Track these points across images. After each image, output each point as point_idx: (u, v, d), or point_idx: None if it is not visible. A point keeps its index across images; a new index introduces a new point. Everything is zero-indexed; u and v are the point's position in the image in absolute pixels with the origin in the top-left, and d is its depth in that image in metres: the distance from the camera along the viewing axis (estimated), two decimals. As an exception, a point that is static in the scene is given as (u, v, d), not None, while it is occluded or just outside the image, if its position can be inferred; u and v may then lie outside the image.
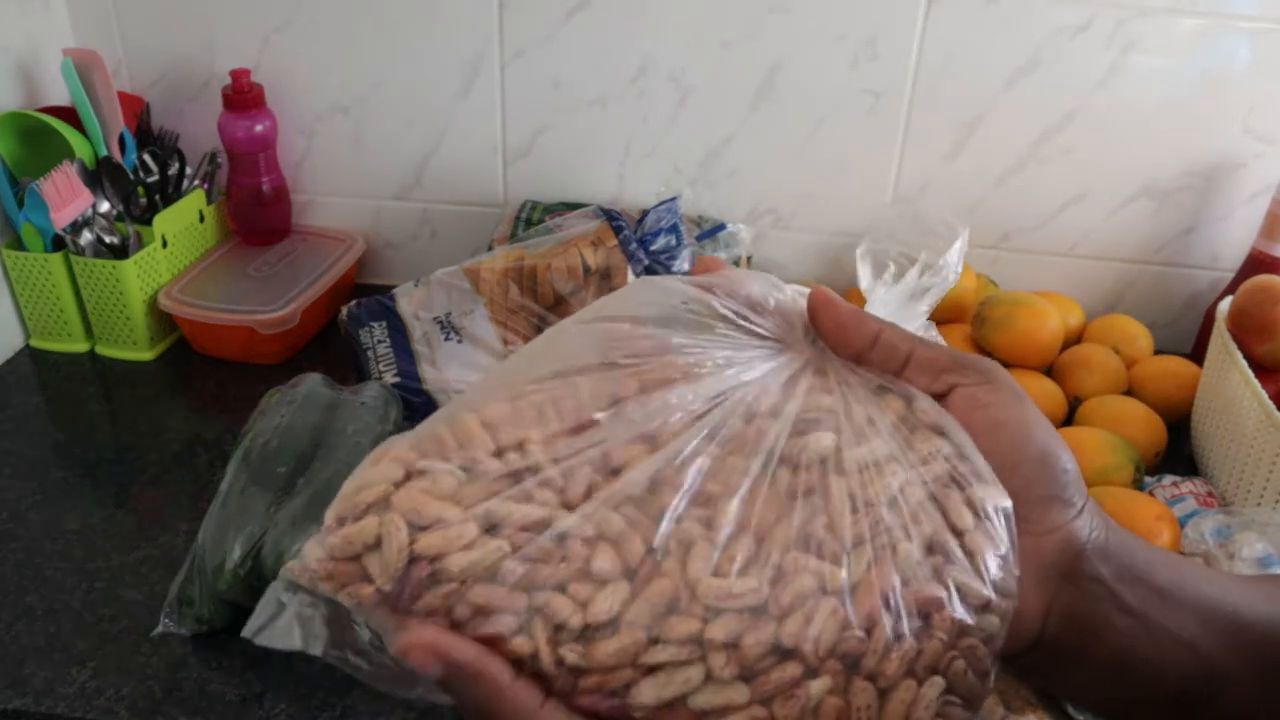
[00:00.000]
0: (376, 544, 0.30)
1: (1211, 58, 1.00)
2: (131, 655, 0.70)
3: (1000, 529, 0.30)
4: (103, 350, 1.05)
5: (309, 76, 1.11)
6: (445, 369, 0.91)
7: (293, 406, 0.81)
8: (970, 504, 0.30)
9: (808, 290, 0.35)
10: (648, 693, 0.29)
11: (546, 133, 1.11)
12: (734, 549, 0.30)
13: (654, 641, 0.29)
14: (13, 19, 1.03)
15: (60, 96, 1.05)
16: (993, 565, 0.30)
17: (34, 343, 1.06)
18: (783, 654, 0.28)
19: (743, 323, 0.34)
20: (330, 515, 0.32)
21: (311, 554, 0.31)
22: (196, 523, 0.76)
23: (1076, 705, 0.34)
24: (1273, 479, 0.78)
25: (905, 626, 0.29)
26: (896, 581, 0.29)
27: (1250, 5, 0.97)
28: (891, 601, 0.29)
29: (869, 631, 0.29)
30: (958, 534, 0.30)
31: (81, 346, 1.05)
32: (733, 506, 0.30)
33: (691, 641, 0.29)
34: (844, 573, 0.29)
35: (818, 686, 0.28)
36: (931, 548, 0.30)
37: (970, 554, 0.30)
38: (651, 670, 0.29)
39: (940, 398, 0.33)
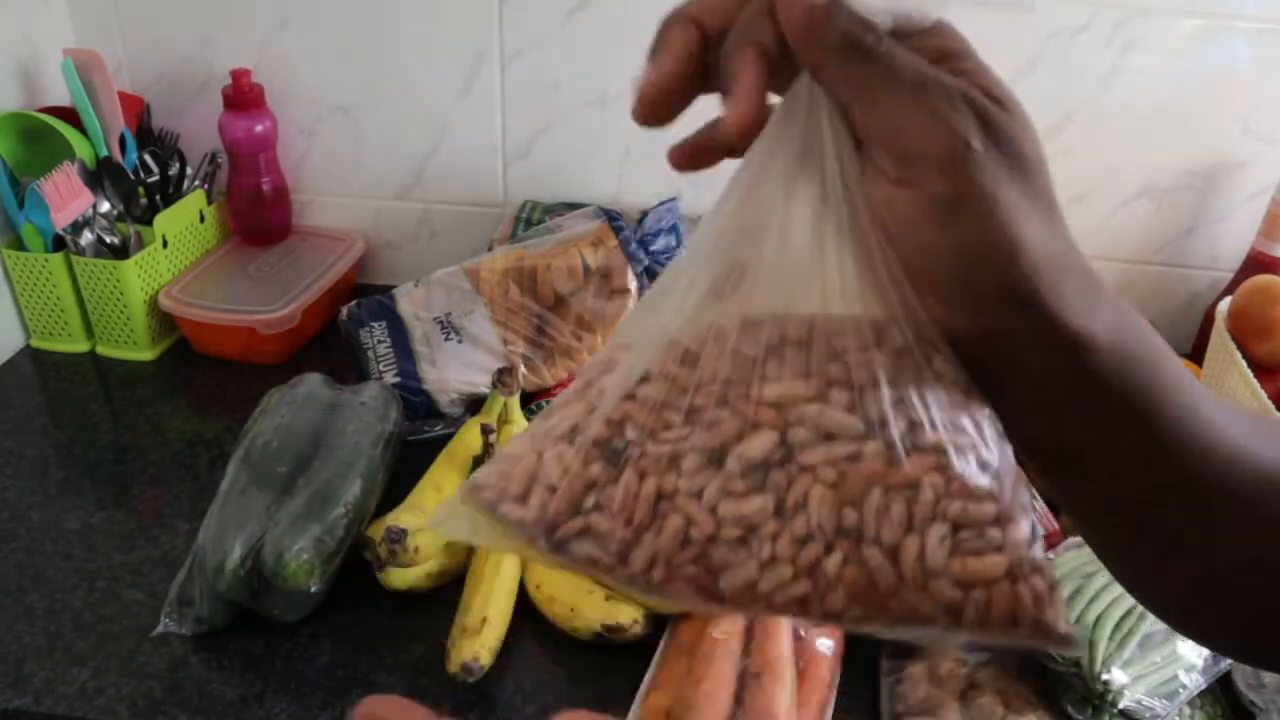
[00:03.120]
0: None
1: (1211, 58, 1.00)
2: (132, 655, 0.70)
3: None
4: (103, 350, 1.05)
5: (309, 76, 1.11)
6: (445, 369, 0.91)
7: (293, 406, 0.81)
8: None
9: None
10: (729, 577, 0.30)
11: (546, 133, 1.11)
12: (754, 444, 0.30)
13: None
14: (13, 19, 1.03)
15: (61, 96, 1.05)
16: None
17: (35, 343, 1.06)
18: (801, 541, 0.30)
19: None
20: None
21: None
22: (197, 522, 0.76)
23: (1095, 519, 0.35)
24: (1272, 479, 0.77)
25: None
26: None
27: (1250, 5, 0.97)
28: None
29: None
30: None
31: (82, 346, 1.05)
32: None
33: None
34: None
35: (833, 561, 0.30)
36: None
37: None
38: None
39: None
